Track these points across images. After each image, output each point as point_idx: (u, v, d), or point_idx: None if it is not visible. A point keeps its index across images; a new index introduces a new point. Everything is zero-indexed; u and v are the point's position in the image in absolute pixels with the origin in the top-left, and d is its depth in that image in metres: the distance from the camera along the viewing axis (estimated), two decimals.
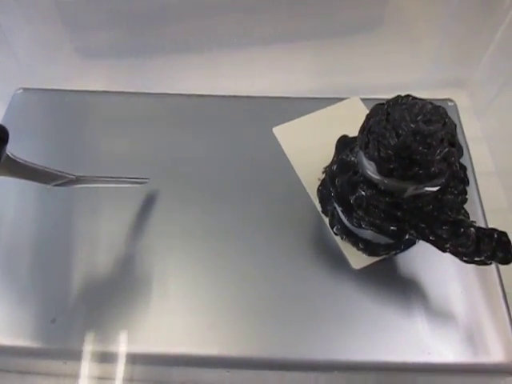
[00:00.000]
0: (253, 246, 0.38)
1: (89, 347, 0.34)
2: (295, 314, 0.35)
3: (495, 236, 0.30)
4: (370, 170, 0.31)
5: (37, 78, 0.53)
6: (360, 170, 0.33)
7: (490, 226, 0.37)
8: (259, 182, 0.41)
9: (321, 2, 0.52)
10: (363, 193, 0.32)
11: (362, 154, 0.32)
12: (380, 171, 0.31)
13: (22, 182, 0.31)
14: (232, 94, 0.47)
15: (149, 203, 0.40)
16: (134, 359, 0.34)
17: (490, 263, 0.31)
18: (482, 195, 0.41)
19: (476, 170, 0.42)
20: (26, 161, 0.29)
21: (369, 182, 0.32)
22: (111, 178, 0.37)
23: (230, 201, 0.40)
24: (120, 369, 0.34)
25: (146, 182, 0.39)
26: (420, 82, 0.57)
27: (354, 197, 0.33)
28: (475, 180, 0.41)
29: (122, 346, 0.34)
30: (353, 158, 0.34)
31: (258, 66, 0.56)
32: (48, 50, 0.54)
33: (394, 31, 0.56)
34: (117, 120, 0.45)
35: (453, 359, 0.33)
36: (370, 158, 0.31)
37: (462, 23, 0.54)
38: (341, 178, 0.34)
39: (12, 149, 0.29)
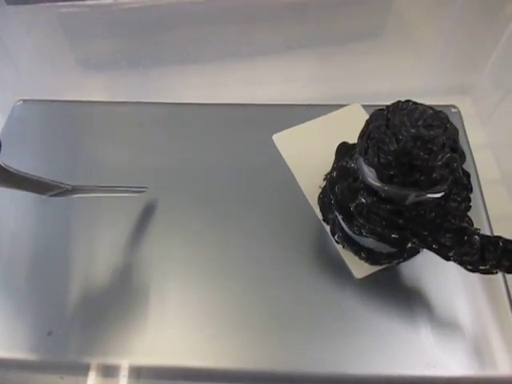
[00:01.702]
0: (252, 255, 0.37)
1: (85, 361, 0.33)
2: (296, 326, 0.34)
3: (500, 244, 0.29)
4: (370, 176, 0.31)
5: (37, 89, 0.53)
6: (360, 177, 0.32)
7: (496, 233, 0.36)
8: (259, 190, 0.40)
9: (322, 9, 0.52)
10: (363, 200, 0.32)
11: (361, 160, 0.31)
12: (380, 178, 0.30)
13: (18, 192, 0.30)
14: (232, 102, 0.46)
15: (147, 212, 0.39)
16: (131, 372, 0.34)
17: (496, 272, 0.30)
18: (487, 202, 0.40)
19: (481, 177, 0.41)
20: (19, 171, 0.29)
21: (369, 189, 0.31)
22: (109, 187, 0.36)
23: (230, 209, 0.39)
24: (118, 382, 0.34)
25: (145, 191, 0.38)
26: (423, 88, 0.56)
27: (354, 204, 0.32)
28: (480, 187, 0.40)
29: (120, 359, 0.33)
30: (353, 165, 0.33)
31: (259, 74, 0.56)
32: (48, 60, 0.55)
33: (396, 38, 0.55)
34: (116, 130, 0.45)
35: (459, 372, 0.32)
36: (370, 164, 0.30)
37: (466, 29, 0.54)
38: (341, 185, 0.34)
39: (12, 160, 0.29)
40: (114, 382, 0.34)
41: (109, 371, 0.33)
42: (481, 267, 0.30)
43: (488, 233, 0.38)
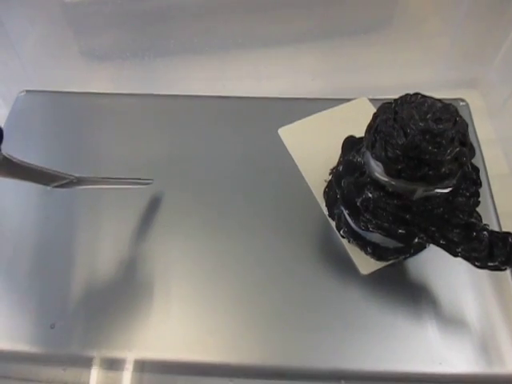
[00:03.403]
0: (257, 250, 0.37)
1: (88, 354, 0.33)
2: (300, 321, 0.34)
3: (509, 240, 0.29)
4: (378, 171, 0.30)
5: (42, 80, 0.53)
6: (367, 171, 0.31)
7: (505, 229, 0.35)
8: (264, 184, 0.40)
9: (328, 1, 0.51)
10: (370, 195, 0.31)
11: (368, 154, 0.31)
12: (387, 172, 0.29)
13: (22, 183, 0.30)
14: (238, 94, 0.46)
15: (152, 205, 0.39)
16: (134, 366, 0.33)
17: (505, 269, 0.30)
18: (495, 198, 0.39)
19: (490, 171, 0.41)
20: (22, 161, 0.29)
21: (376, 184, 0.31)
22: (114, 179, 0.36)
23: (235, 203, 0.39)
24: (120, 376, 0.34)
25: (150, 183, 0.38)
26: (431, 81, 0.55)
27: (360, 199, 0.32)
28: (488, 182, 0.40)
29: (122, 352, 0.33)
30: (359, 159, 0.33)
31: (264, 67, 0.55)
32: (53, 52, 0.54)
33: (404, 30, 0.55)
34: (121, 121, 0.45)
35: (465, 369, 0.32)
36: (377, 159, 0.29)
37: (475, 21, 0.53)
38: (347, 180, 0.33)
39: (15, 151, 0.29)
40: (116, 375, 0.34)
41: (111, 364, 0.33)
42: (489, 263, 0.29)
43: (496, 229, 0.37)
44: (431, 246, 0.32)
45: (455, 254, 0.30)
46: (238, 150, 0.42)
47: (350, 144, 0.36)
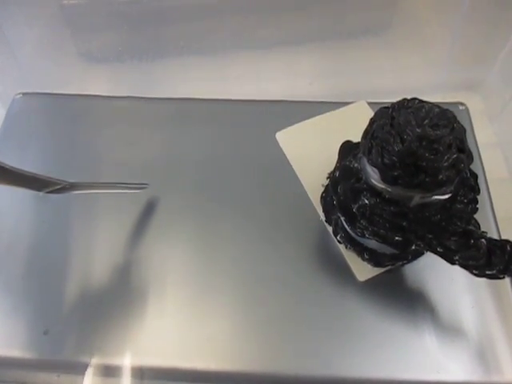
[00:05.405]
0: (253, 255, 0.37)
1: (82, 360, 0.33)
2: (297, 328, 0.34)
3: (508, 248, 0.29)
4: (374, 177, 0.30)
5: (39, 82, 0.53)
6: (363, 177, 0.31)
7: (504, 236, 0.35)
8: (261, 188, 0.40)
9: (327, 3, 0.51)
10: (367, 201, 0.31)
11: (365, 160, 0.30)
12: (384, 179, 0.29)
13: (15, 189, 0.30)
14: (236, 97, 0.46)
15: (147, 210, 0.39)
16: (129, 373, 0.33)
17: (503, 277, 0.29)
18: (495, 203, 0.39)
19: (489, 176, 0.40)
20: (12, 167, 0.28)
21: (372, 190, 0.31)
22: (108, 183, 0.36)
23: (231, 208, 0.39)
24: (115, 382, 0.33)
25: (145, 188, 0.38)
26: (431, 85, 0.55)
27: (356, 205, 0.31)
28: (487, 188, 0.39)
29: (117, 359, 0.33)
30: (356, 165, 0.32)
31: (263, 69, 0.55)
32: (50, 53, 0.54)
33: (403, 33, 0.54)
34: (117, 125, 0.44)
35: (463, 378, 0.32)
36: (374, 165, 0.29)
37: (475, 24, 0.52)
38: (343, 186, 0.33)
39: (11, 154, 0.28)
40: (111, 381, 0.33)
41: (106, 371, 0.33)
42: (487, 272, 0.29)
43: (495, 236, 0.37)
44: (429, 252, 0.32)
45: (452, 262, 0.30)
46: (235, 154, 0.42)
47: (347, 149, 0.35)
